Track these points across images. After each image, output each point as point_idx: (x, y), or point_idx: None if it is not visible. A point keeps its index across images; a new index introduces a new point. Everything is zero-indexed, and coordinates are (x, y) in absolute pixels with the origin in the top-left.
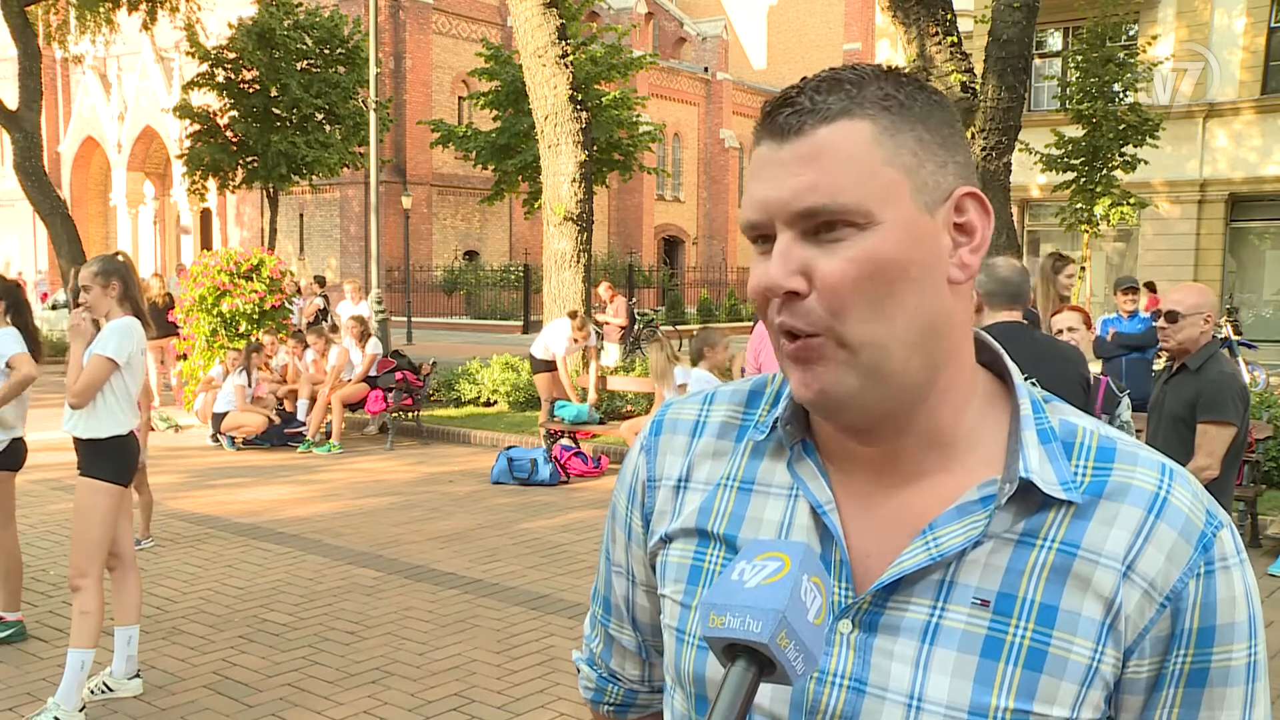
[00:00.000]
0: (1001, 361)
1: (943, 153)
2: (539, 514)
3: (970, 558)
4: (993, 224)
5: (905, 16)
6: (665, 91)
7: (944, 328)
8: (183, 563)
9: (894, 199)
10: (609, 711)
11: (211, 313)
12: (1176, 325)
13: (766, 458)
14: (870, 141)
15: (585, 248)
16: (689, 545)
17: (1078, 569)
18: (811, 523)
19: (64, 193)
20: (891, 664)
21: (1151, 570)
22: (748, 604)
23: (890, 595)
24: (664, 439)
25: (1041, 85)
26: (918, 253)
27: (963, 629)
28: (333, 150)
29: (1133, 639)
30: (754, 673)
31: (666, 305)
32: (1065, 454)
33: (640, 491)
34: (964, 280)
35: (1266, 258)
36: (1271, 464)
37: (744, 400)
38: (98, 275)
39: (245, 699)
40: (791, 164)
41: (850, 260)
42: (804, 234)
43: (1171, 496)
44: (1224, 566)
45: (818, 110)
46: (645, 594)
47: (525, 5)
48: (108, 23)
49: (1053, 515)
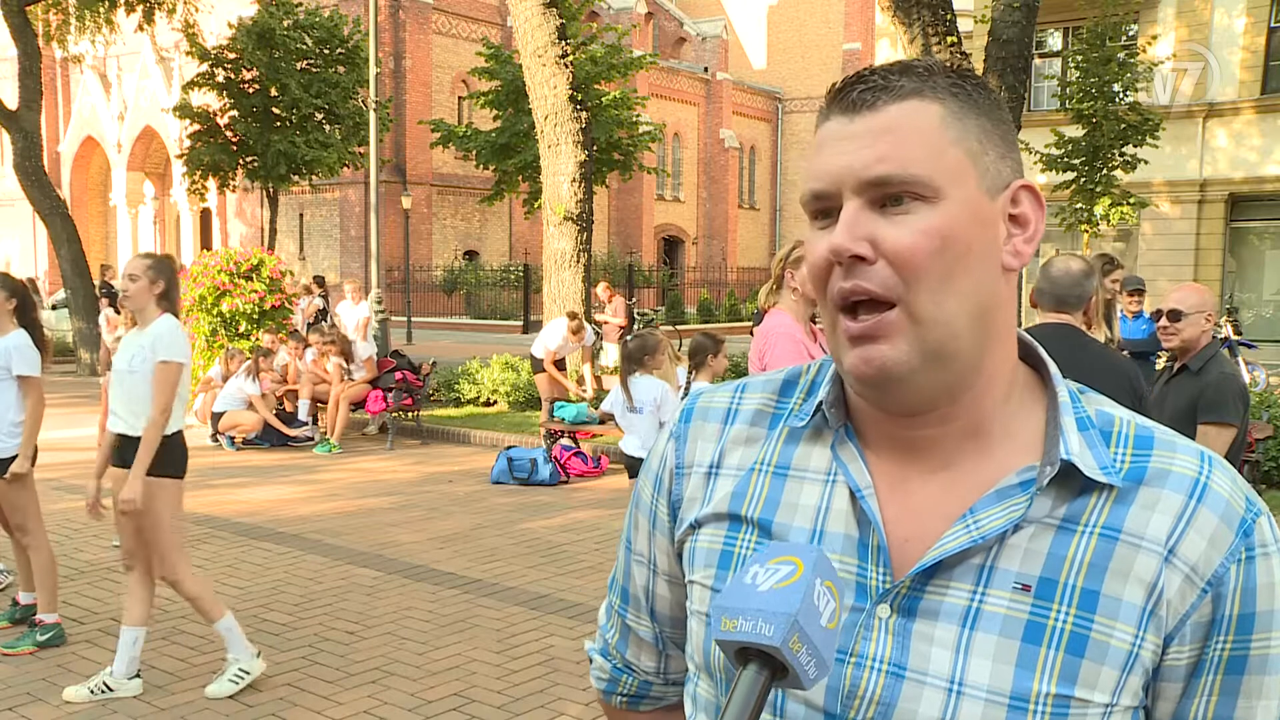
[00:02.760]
0: (1037, 353)
1: (1002, 145)
2: (539, 514)
3: (1011, 542)
4: (1045, 217)
5: (905, 16)
6: (665, 91)
7: (996, 312)
8: None
9: (960, 179)
10: (621, 703)
11: (211, 313)
12: (1179, 324)
13: (803, 443)
14: (940, 122)
15: (585, 248)
16: (720, 530)
17: (1120, 553)
18: (849, 507)
19: (64, 193)
20: (931, 648)
21: (1194, 555)
22: (760, 608)
23: (930, 580)
24: (694, 426)
25: (1041, 85)
26: (980, 233)
27: (1004, 613)
28: (333, 150)
29: (1173, 625)
30: (766, 676)
31: (666, 305)
32: (1104, 441)
33: (668, 479)
34: (1017, 267)
35: (1266, 258)
36: (1271, 464)
37: (778, 389)
38: (149, 269)
39: (245, 699)
40: (864, 136)
41: (920, 231)
42: (871, 203)
43: (1212, 482)
44: (1264, 553)
45: (890, 88)
46: (666, 584)
47: (525, 5)
48: (107, 23)
49: (1094, 500)
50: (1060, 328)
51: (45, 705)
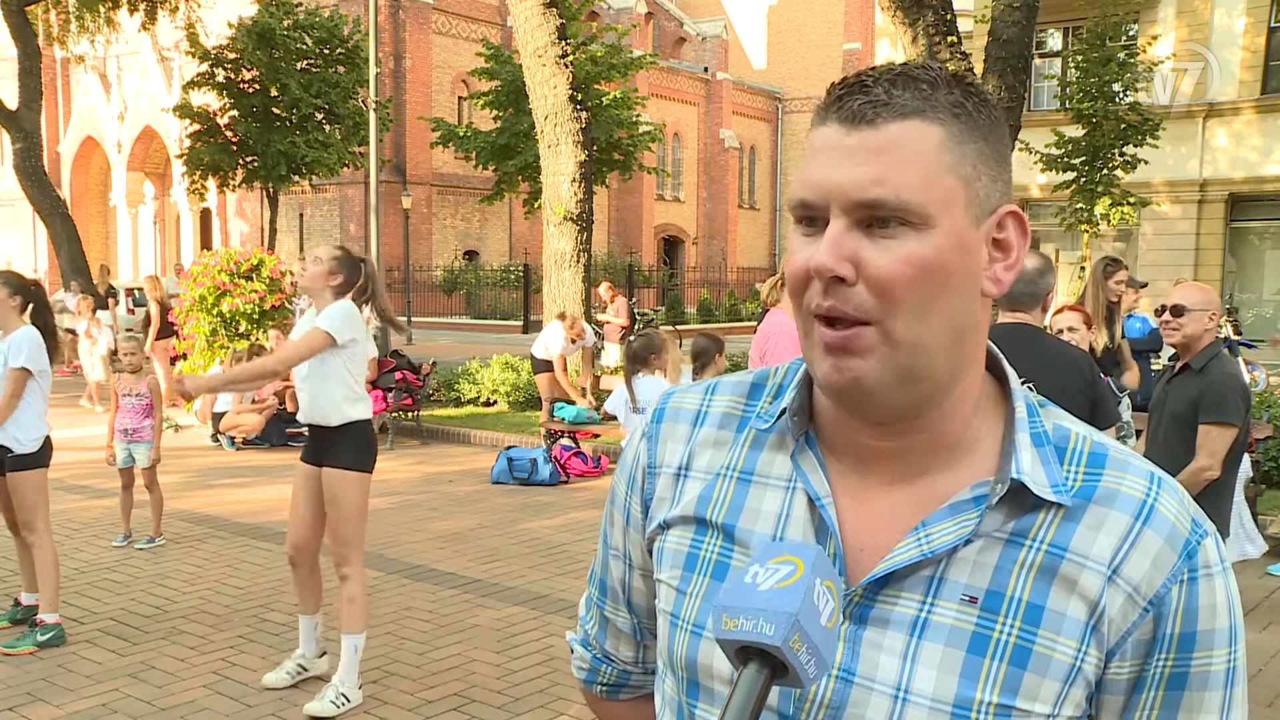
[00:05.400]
0: (1000, 365)
1: (996, 168)
2: (539, 514)
3: (960, 555)
4: (1029, 243)
5: (905, 16)
6: (665, 91)
7: (970, 336)
8: (183, 563)
9: (951, 207)
10: (601, 692)
11: (211, 313)
12: (1182, 319)
13: (766, 449)
14: (939, 146)
15: (585, 248)
16: (687, 533)
17: (1064, 570)
18: (808, 515)
19: (64, 192)
20: (880, 656)
21: (1136, 575)
22: (761, 607)
23: (881, 589)
24: (666, 426)
25: (1041, 85)
26: (962, 263)
27: (951, 624)
28: (333, 150)
29: (1115, 641)
30: (766, 675)
31: (666, 305)
32: (1058, 458)
33: (640, 477)
34: (995, 294)
35: (1266, 258)
36: (1271, 464)
37: (746, 391)
38: (334, 259)
39: (245, 699)
40: (859, 153)
41: (904, 260)
42: (858, 223)
43: (1159, 504)
44: (1206, 574)
45: (893, 104)
46: (641, 578)
47: (525, 5)
48: (108, 23)
49: (1043, 516)
50: (1018, 328)
51: (45, 705)
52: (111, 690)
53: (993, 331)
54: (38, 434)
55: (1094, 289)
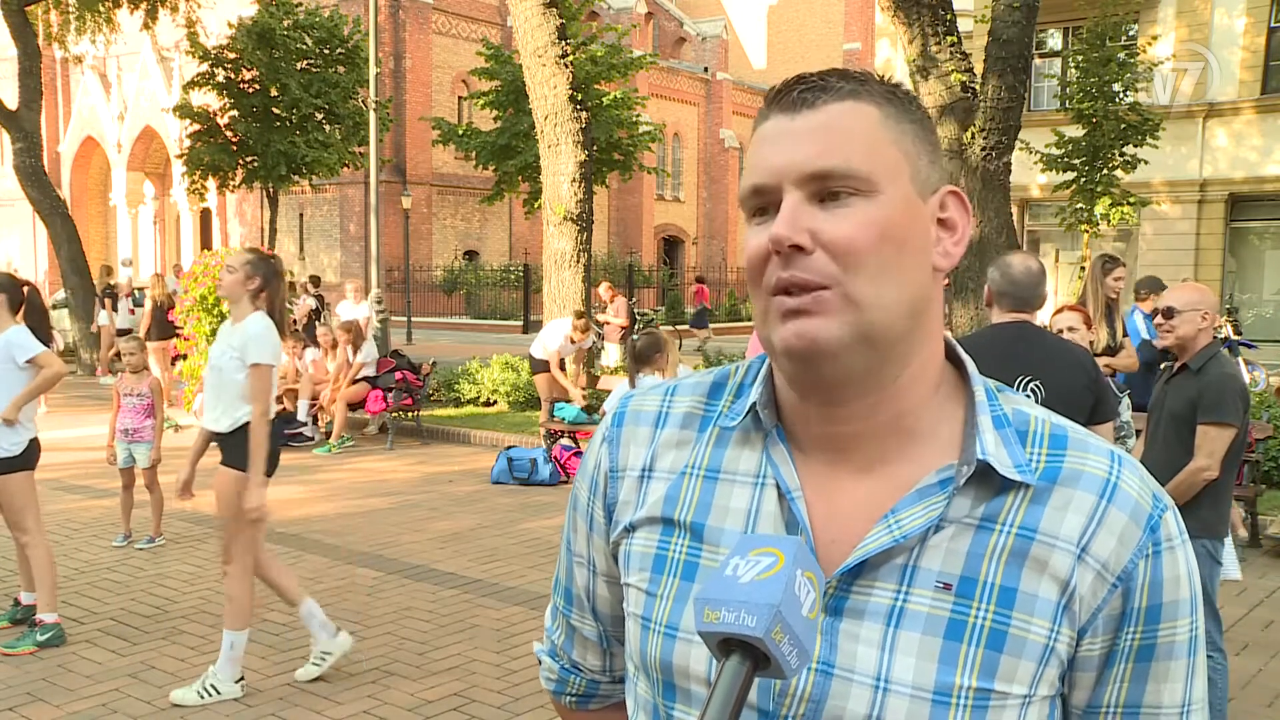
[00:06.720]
0: (957, 353)
1: (932, 152)
2: (539, 514)
3: (932, 542)
4: (973, 221)
5: (905, 16)
6: (665, 91)
7: (927, 308)
8: (183, 563)
9: (897, 176)
10: (571, 702)
11: (212, 313)
12: (1174, 320)
13: (732, 446)
14: (879, 123)
15: (585, 247)
16: (653, 534)
17: (1035, 552)
18: (778, 509)
19: (64, 192)
20: (858, 647)
21: (1104, 553)
22: (742, 599)
23: (855, 580)
24: (627, 430)
25: (1041, 85)
26: (915, 229)
27: (927, 612)
28: (333, 150)
29: (1086, 618)
30: (749, 667)
31: (666, 305)
32: (1020, 440)
33: (603, 482)
34: (946, 268)
35: (1266, 258)
36: (1271, 464)
37: (706, 391)
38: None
39: (245, 699)
40: (804, 133)
41: (859, 223)
42: (811, 196)
43: (1122, 482)
44: (1169, 547)
45: (830, 89)
46: (606, 584)
47: (525, 5)
48: (108, 23)
49: (1010, 500)
50: (1021, 328)
51: (45, 705)
52: (111, 690)
53: (995, 331)
54: (21, 436)
55: (1093, 286)
